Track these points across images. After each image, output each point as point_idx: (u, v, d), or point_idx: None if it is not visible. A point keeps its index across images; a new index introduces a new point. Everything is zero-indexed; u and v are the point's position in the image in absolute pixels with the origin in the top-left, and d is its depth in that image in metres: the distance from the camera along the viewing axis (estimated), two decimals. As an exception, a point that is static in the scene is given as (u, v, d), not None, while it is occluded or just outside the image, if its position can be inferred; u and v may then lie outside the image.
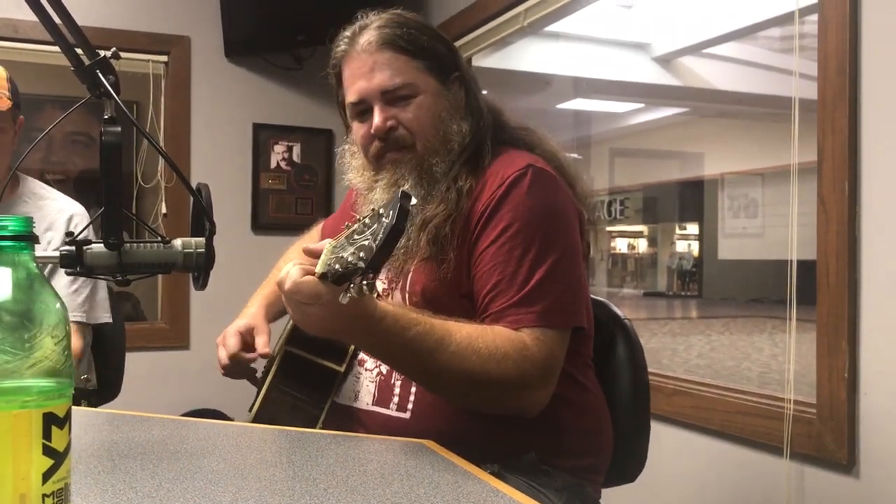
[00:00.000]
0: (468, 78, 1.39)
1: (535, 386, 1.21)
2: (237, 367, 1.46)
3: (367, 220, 0.95)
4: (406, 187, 0.95)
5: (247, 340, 1.47)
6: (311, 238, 1.77)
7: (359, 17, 1.38)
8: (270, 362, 1.56)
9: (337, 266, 0.93)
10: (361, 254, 0.90)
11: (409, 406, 1.28)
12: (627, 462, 1.46)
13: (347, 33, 1.37)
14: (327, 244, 1.03)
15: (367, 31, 1.35)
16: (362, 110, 1.36)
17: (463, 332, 1.16)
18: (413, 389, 1.28)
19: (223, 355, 1.47)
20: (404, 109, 1.33)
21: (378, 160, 1.37)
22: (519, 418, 1.25)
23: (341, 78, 1.40)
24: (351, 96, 1.37)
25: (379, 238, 0.88)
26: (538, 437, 1.29)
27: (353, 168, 1.45)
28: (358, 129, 1.39)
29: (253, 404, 1.58)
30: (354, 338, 1.18)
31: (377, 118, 1.33)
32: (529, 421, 1.26)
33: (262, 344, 1.46)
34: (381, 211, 0.92)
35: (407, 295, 1.31)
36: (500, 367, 1.16)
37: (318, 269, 1.01)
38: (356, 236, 0.95)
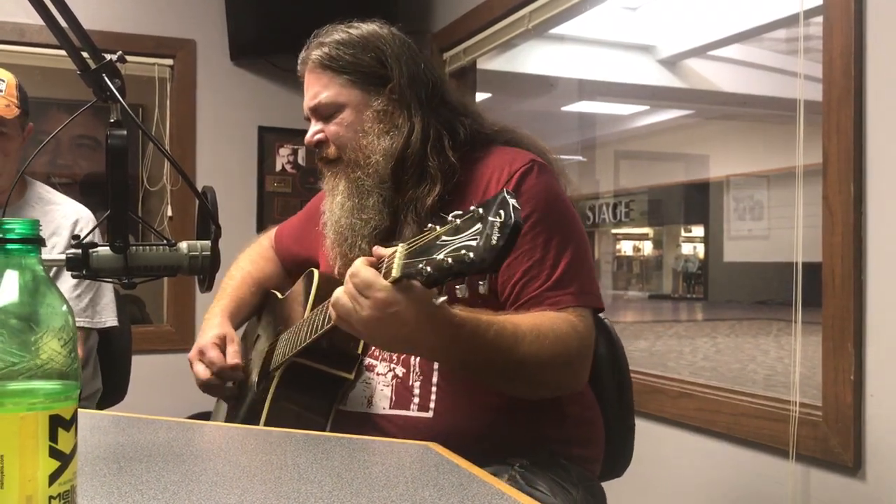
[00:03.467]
0: (404, 87, 1.36)
1: (586, 362, 1.26)
2: (222, 379, 1.47)
3: (459, 223, 0.93)
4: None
5: (222, 351, 1.48)
6: (264, 248, 1.76)
7: (314, 34, 1.44)
8: (245, 375, 1.55)
9: (428, 268, 0.92)
10: (471, 254, 0.88)
11: (432, 405, 1.28)
12: (615, 458, 1.48)
13: (302, 52, 1.44)
14: (399, 248, 1.02)
15: (308, 50, 1.42)
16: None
17: (527, 322, 1.18)
18: (434, 388, 1.29)
19: (203, 370, 1.46)
20: (330, 124, 1.40)
21: (319, 169, 1.46)
22: (533, 409, 1.28)
23: None
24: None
25: (495, 237, 0.86)
26: (548, 426, 1.32)
27: None
28: None
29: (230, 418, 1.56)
30: (433, 349, 1.14)
31: (308, 133, 1.43)
32: (540, 411, 1.29)
33: (232, 353, 1.48)
34: (482, 212, 0.90)
35: None
36: (566, 347, 1.19)
37: (395, 272, 0.99)
38: (445, 237, 0.93)
